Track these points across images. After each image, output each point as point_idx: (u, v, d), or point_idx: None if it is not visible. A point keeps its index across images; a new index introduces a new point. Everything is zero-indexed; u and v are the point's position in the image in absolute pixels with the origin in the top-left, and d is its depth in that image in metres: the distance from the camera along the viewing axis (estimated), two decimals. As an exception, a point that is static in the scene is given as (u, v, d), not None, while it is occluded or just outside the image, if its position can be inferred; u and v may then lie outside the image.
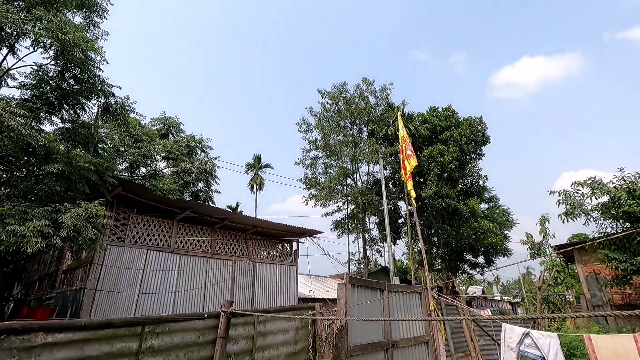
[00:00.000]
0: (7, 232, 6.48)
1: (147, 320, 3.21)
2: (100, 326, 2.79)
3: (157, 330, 3.23)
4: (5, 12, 7.88)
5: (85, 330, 2.67)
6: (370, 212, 29.83)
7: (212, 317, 3.78)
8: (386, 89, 30.09)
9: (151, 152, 14.57)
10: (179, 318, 3.48)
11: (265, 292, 15.86)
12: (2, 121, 6.85)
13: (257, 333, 4.23)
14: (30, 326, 2.37)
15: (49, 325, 2.50)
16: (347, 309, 5.15)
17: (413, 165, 7.85)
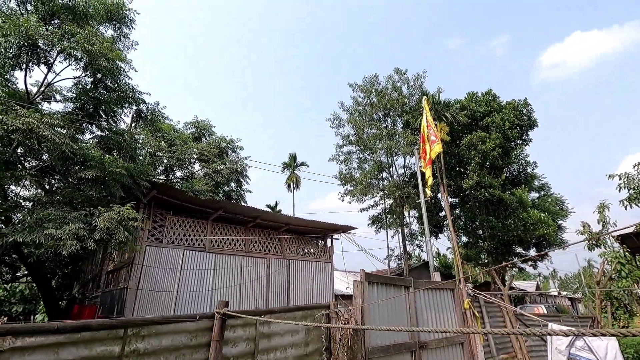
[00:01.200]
0: (45, 235, 6.91)
1: (130, 322, 3.09)
2: (75, 329, 2.69)
3: (142, 332, 3.11)
4: (38, 28, 8.42)
5: (58, 333, 2.60)
6: (409, 206, 28.85)
7: (205, 319, 3.61)
8: (420, 77, 28.86)
9: (185, 155, 15.04)
10: (167, 320, 3.35)
11: (301, 289, 15.82)
12: (37, 132, 7.30)
13: (260, 335, 4.02)
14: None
15: (17, 329, 2.45)
16: (364, 308, 4.82)
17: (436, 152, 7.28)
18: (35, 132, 7.35)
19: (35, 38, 8.72)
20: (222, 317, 3.51)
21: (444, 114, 26.60)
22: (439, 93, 28.64)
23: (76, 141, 8.93)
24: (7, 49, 8.89)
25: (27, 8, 10.68)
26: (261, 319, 3.74)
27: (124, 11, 11.74)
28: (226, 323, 3.63)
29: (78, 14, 10.60)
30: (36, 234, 7.01)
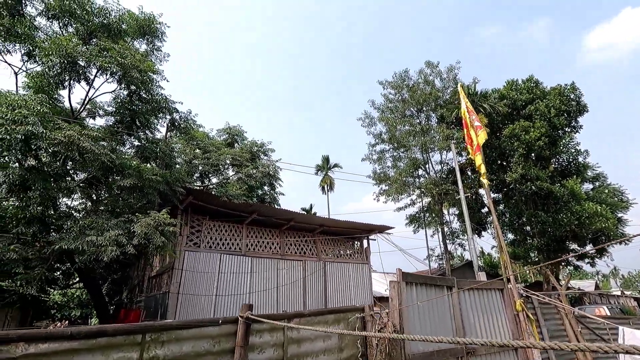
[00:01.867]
0: (87, 242, 7.19)
1: (148, 327, 2.96)
2: (90, 335, 2.60)
3: (161, 338, 2.97)
4: (76, 47, 8.89)
5: (73, 339, 2.53)
6: (448, 203, 27.62)
7: (228, 323, 3.42)
8: (453, 69, 27.64)
9: (219, 161, 15.32)
10: (187, 324, 3.20)
11: (338, 291, 15.54)
12: (77, 144, 7.65)
13: (289, 340, 3.77)
14: (8, 336, 2.29)
15: (30, 335, 2.40)
16: (403, 311, 4.44)
17: (483, 139, 6.71)
18: (75, 144, 7.71)
19: (74, 56, 9.21)
20: (246, 322, 3.33)
21: (482, 105, 25.22)
22: (475, 84, 27.28)
23: (115, 152, 9.28)
24: (50, 68, 9.47)
25: (68, 30, 11.37)
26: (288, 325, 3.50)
27: (155, 25, 12.18)
28: (252, 328, 3.45)
29: (113, 31, 11.14)
30: (80, 242, 7.32)
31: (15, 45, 10.94)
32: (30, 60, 11.13)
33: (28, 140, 7.41)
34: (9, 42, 10.81)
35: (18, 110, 7.39)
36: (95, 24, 11.09)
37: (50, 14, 10.68)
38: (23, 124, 7.25)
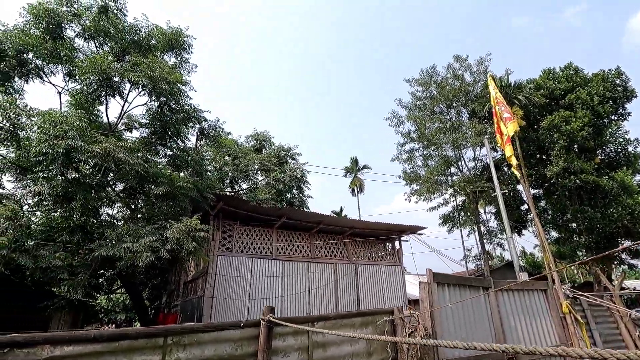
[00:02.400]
0: (123, 249, 7.51)
1: (170, 330, 2.95)
2: (113, 338, 2.64)
3: (183, 341, 2.96)
4: (110, 64, 9.39)
5: (96, 342, 2.57)
6: (484, 202, 26.47)
7: (249, 326, 3.36)
8: (484, 61, 26.58)
9: (248, 167, 15.59)
10: (209, 328, 3.17)
11: (371, 294, 15.27)
12: (113, 155, 8.03)
13: (314, 344, 3.65)
14: (34, 339, 2.36)
15: (55, 338, 2.47)
16: (434, 313, 4.21)
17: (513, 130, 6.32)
18: (111, 155, 8.10)
19: (109, 73, 9.73)
20: (268, 325, 3.27)
21: (516, 96, 24.01)
22: (507, 75, 26.05)
23: (148, 162, 9.67)
24: (88, 86, 10.05)
25: (103, 49, 12.05)
26: (312, 329, 3.39)
27: (182, 38, 12.65)
28: (275, 331, 3.38)
29: (143, 47, 11.68)
30: (117, 248, 7.67)
31: (58, 67, 11.76)
32: (70, 80, 11.91)
33: (69, 154, 7.88)
34: (53, 64, 11.63)
35: (59, 126, 7.89)
36: (127, 41, 11.68)
37: (86, 34, 11.38)
38: (64, 139, 7.72)
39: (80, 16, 11.31)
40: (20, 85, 11.53)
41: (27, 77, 11.36)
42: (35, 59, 11.18)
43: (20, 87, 11.53)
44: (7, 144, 9.65)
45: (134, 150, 9.91)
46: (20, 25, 10.88)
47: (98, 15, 11.33)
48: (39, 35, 10.93)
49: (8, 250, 7.24)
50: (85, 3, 11.55)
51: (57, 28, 11.03)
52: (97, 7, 11.51)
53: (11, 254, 7.33)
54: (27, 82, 11.51)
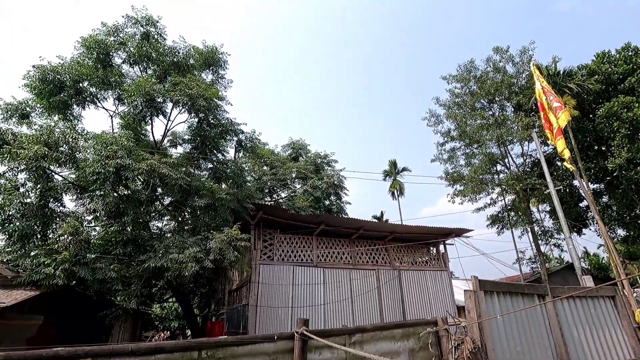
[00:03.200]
0: (170, 260, 7.87)
1: (204, 344, 2.96)
2: (149, 351, 2.70)
3: (217, 355, 2.94)
4: (153, 86, 10.01)
5: (133, 355, 2.63)
6: (536, 200, 24.68)
7: (284, 339, 3.30)
8: (527, 50, 24.97)
9: (285, 176, 15.81)
10: (242, 341, 3.14)
11: (417, 301, 14.71)
12: (158, 171, 8.49)
13: (351, 357, 3.49)
14: (77, 352, 2.47)
15: (96, 351, 2.56)
16: (483, 324, 3.88)
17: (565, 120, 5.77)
18: (156, 171, 8.56)
19: (152, 94, 10.36)
20: (302, 338, 3.19)
21: (566, 85, 22.26)
22: (555, 63, 24.26)
23: (190, 175, 10.10)
24: (134, 108, 10.77)
25: (147, 72, 12.88)
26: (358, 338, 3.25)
27: (217, 55, 13.20)
28: (310, 344, 3.29)
29: (182, 67, 12.33)
30: (165, 259, 8.05)
31: (108, 92, 12.75)
32: (120, 103, 12.85)
33: (118, 172, 8.45)
34: (104, 90, 12.64)
35: (109, 147, 8.49)
36: (167, 62, 12.40)
37: (131, 60, 12.24)
38: (114, 158, 8.30)
39: (126, 44, 12.19)
40: (78, 112, 12.63)
41: (84, 104, 12.41)
42: (90, 87, 12.21)
43: (78, 114, 12.63)
44: (69, 166, 10.56)
45: (178, 165, 10.44)
46: (76, 58, 11.95)
47: (141, 41, 12.16)
48: (91, 65, 11.93)
49: (70, 263, 7.86)
50: (129, 32, 12.45)
51: (106, 57, 11.97)
52: (140, 34, 12.36)
53: (72, 267, 7.95)
54: (83, 108, 12.58)
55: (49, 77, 11.01)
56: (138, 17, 12.33)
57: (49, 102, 11.35)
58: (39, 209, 8.71)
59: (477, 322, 3.87)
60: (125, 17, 12.34)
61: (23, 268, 9.10)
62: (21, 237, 8.59)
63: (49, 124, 9.53)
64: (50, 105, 11.48)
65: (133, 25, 12.39)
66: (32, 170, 8.27)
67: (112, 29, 12.16)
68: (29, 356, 2.27)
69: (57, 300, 10.94)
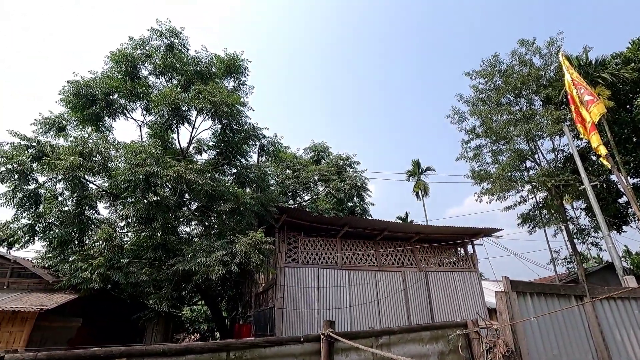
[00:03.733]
0: (198, 263, 8.08)
1: (232, 345, 3.00)
2: (180, 352, 2.76)
3: (245, 356, 2.97)
4: (177, 95, 10.36)
5: (164, 356, 2.69)
6: (570, 197, 23.53)
7: (310, 341, 3.28)
8: (555, 41, 23.89)
9: (308, 179, 15.88)
10: (269, 343, 3.16)
11: (445, 303, 14.36)
12: (184, 177, 8.76)
13: (379, 359, 3.46)
14: (112, 352, 2.57)
15: (130, 352, 2.66)
16: (517, 327, 3.71)
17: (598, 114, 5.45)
18: (183, 177, 8.83)
19: (177, 103, 10.71)
20: (329, 340, 3.17)
21: (599, 75, 21.15)
22: (586, 52, 23.09)
23: (215, 181, 10.35)
24: (161, 117, 11.16)
25: (172, 82, 13.33)
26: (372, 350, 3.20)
27: (238, 62, 13.49)
28: (337, 346, 3.27)
29: (205, 76, 12.68)
30: (193, 263, 8.27)
31: (137, 103, 13.29)
32: (147, 113, 13.36)
33: (148, 179, 8.79)
34: (132, 101, 13.18)
35: (139, 155, 8.84)
36: (190, 72, 12.79)
37: (157, 71, 12.72)
38: (143, 166, 8.63)
39: (152, 56, 12.69)
40: (109, 123, 13.24)
41: (114, 115, 13.00)
42: (119, 99, 12.78)
43: (109, 125, 13.24)
44: (102, 175, 11.08)
45: (203, 171, 10.72)
46: (106, 72, 12.55)
47: (166, 53, 12.62)
48: (120, 78, 12.50)
49: (105, 268, 8.23)
50: (154, 44, 12.95)
51: (133, 69, 12.50)
52: (165, 46, 12.83)
53: (107, 271, 8.32)
54: (114, 119, 13.18)
55: (82, 91, 11.61)
56: (162, 29, 12.81)
57: (82, 115, 11.97)
58: (75, 217, 9.18)
59: (510, 325, 3.72)
60: (150, 30, 12.86)
61: (62, 273, 9.61)
62: (60, 244, 9.08)
63: (83, 136, 10.04)
64: (84, 118, 12.10)
65: (158, 37, 12.88)
66: (69, 180, 8.72)
67: (139, 43, 12.69)
68: (70, 355, 2.40)
69: (94, 303, 11.47)
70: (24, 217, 9.21)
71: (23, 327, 8.57)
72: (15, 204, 9.00)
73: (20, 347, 8.31)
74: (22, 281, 10.33)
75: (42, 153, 9.10)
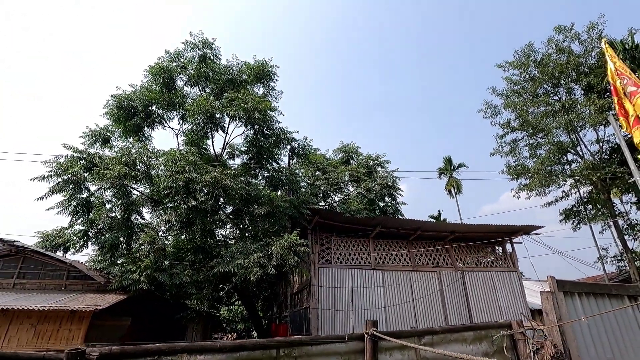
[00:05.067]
0: (236, 265, 8.39)
1: (281, 343, 3.14)
2: (234, 349, 2.94)
3: (293, 353, 3.10)
4: (212, 103, 10.81)
5: (221, 352, 2.88)
6: (618, 190, 22.07)
7: (354, 340, 3.35)
8: (595, 25, 22.47)
9: (338, 180, 15.98)
10: (315, 341, 3.26)
11: (484, 304, 13.93)
12: (221, 182, 9.12)
13: (422, 359, 3.46)
14: (175, 348, 2.78)
15: (190, 347, 2.85)
16: (566, 328, 3.58)
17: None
18: (220, 183, 9.21)
19: (211, 111, 11.17)
20: (373, 339, 3.23)
21: (646, 59, 19.70)
22: (632, 35, 21.56)
23: (250, 185, 10.68)
24: (197, 125, 11.67)
25: (206, 91, 13.88)
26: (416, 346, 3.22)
27: (267, 69, 13.83)
28: (380, 345, 3.32)
29: (236, 83, 13.11)
30: (232, 265, 8.60)
31: (173, 113, 13.97)
32: (184, 122, 14.01)
33: (187, 185, 9.24)
34: (169, 111, 13.88)
35: (179, 163, 9.31)
36: (223, 80, 13.28)
37: (191, 82, 13.31)
38: (183, 173, 9.08)
39: (186, 67, 13.30)
40: (149, 133, 14.01)
41: (153, 125, 13.75)
42: (157, 110, 13.49)
43: (148, 134, 14.01)
44: (144, 182, 11.75)
45: (237, 175, 11.09)
46: (145, 84, 13.30)
47: (199, 64, 13.18)
48: (158, 90, 13.20)
49: (151, 270, 8.74)
50: (188, 56, 13.57)
51: (170, 81, 13.16)
52: (198, 57, 13.41)
53: (154, 273, 8.83)
54: (153, 129, 13.94)
55: (124, 104, 12.39)
56: (195, 41, 13.41)
57: (125, 126, 12.76)
58: (123, 222, 9.81)
59: (558, 326, 3.60)
60: (184, 43, 13.51)
61: (113, 275, 10.30)
62: (111, 248, 9.73)
63: (128, 146, 10.70)
64: (126, 129, 12.90)
65: (191, 49, 13.49)
66: (117, 188, 9.34)
67: (174, 55, 13.35)
68: (139, 350, 2.65)
69: (141, 303, 12.17)
70: (78, 224, 9.96)
71: (81, 325, 9.27)
72: (70, 212, 9.76)
73: (79, 343, 9.00)
74: (78, 283, 11.15)
75: (92, 164, 9.82)
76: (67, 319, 9.37)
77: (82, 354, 2.29)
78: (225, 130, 12.66)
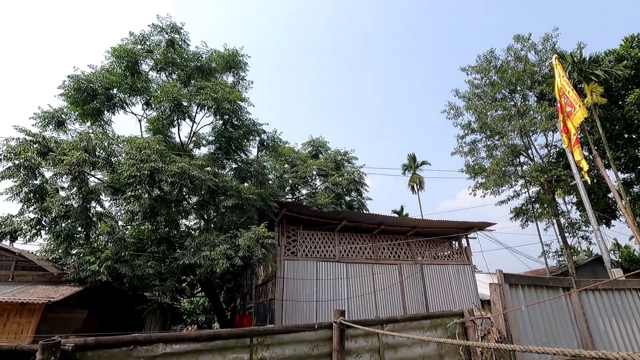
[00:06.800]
0: (203, 257, 8.32)
1: (254, 332, 3.29)
2: (209, 338, 3.05)
3: (266, 341, 3.28)
4: (179, 91, 10.48)
5: (197, 341, 2.99)
6: (562, 191, 24.07)
7: (323, 328, 3.58)
8: (550, 37, 24.18)
9: (306, 173, 16.11)
10: (287, 330, 3.46)
11: (440, 295, 14.80)
12: (188, 173, 8.95)
13: (384, 345, 3.74)
14: (151, 338, 2.84)
15: (166, 337, 2.93)
16: (509, 316, 4.02)
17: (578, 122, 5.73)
18: (187, 173, 9.03)
19: (178, 99, 10.84)
20: (340, 327, 3.46)
21: (593, 72, 21.48)
22: (580, 49, 23.40)
23: (217, 176, 10.54)
24: (162, 112, 11.28)
25: (172, 77, 13.40)
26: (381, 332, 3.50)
27: (238, 58, 13.58)
28: (347, 333, 3.56)
29: (205, 71, 12.78)
30: (197, 257, 8.52)
31: (137, 98, 13.35)
32: (148, 108, 13.44)
33: (152, 175, 8.96)
34: (132, 96, 13.24)
35: (144, 151, 9.00)
36: (191, 67, 12.88)
37: (158, 67, 12.78)
38: (148, 162, 8.80)
39: (152, 51, 12.74)
40: (109, 117, 13.30)
41: (114, 109, 13.06)
42: (119, 93, 12.83)
43: (108, 119, 13.30)
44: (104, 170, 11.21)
45: (204, 166, 10.90)
46: (106, 66, 12.58)
47: (166, 48, 12.67)
48: (120, 73, 12.54)
49: (112, 261, 8.44)
50: (155, 40, 12.98)
51: (134, 65, 12.55)
52: (165, 41, 12.87)
53: (114, 264, 8.53)
54: (113, 114, 13.24)
55: (82, 86, 11.67)
56: (163, 25, 12.85)
57: (82, 109, 12.03)
58: (81, 211, 9.34)
59: (503, 314, 4.04)
60: (151, 26, 12.89)
61: (67, 266, 9.81)
62: (66, 237, 9.24)
63: (87, 131, 10.14)
64: (84, 112, 12.17)
65: (158, 33, 12.91)
66: (75, 175, 8.86)
67: (140, 38, 12.72)
68: (116, 340, 2.65)
69: (98, 295, 11.69)
70: (30, 212, 9.35)
71: (31, 318, 8.79)
72: (21, 199, 9.14)
73: (29, 337, 8.54)
74: (27, 274, 10.52)
75: (47, 148, 9.22)
76: (16, 312, 8.84)
77: (57, 345, 2.28)
78: (192, 119, 12.33)
